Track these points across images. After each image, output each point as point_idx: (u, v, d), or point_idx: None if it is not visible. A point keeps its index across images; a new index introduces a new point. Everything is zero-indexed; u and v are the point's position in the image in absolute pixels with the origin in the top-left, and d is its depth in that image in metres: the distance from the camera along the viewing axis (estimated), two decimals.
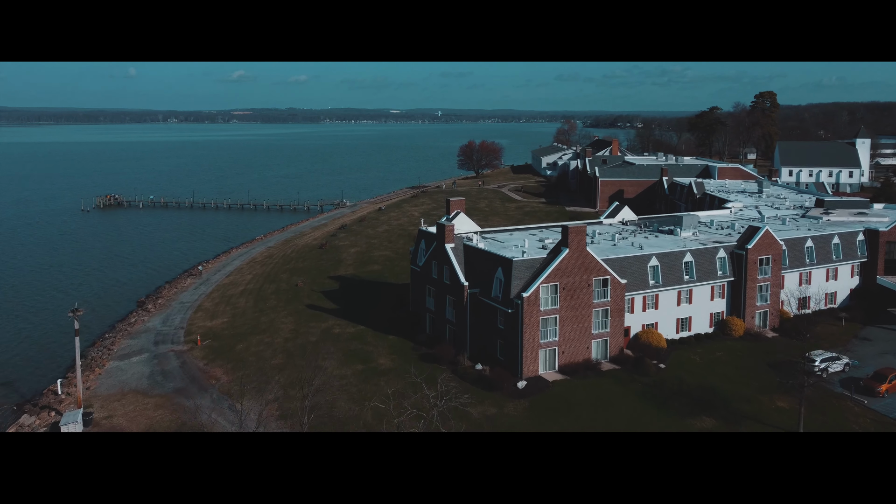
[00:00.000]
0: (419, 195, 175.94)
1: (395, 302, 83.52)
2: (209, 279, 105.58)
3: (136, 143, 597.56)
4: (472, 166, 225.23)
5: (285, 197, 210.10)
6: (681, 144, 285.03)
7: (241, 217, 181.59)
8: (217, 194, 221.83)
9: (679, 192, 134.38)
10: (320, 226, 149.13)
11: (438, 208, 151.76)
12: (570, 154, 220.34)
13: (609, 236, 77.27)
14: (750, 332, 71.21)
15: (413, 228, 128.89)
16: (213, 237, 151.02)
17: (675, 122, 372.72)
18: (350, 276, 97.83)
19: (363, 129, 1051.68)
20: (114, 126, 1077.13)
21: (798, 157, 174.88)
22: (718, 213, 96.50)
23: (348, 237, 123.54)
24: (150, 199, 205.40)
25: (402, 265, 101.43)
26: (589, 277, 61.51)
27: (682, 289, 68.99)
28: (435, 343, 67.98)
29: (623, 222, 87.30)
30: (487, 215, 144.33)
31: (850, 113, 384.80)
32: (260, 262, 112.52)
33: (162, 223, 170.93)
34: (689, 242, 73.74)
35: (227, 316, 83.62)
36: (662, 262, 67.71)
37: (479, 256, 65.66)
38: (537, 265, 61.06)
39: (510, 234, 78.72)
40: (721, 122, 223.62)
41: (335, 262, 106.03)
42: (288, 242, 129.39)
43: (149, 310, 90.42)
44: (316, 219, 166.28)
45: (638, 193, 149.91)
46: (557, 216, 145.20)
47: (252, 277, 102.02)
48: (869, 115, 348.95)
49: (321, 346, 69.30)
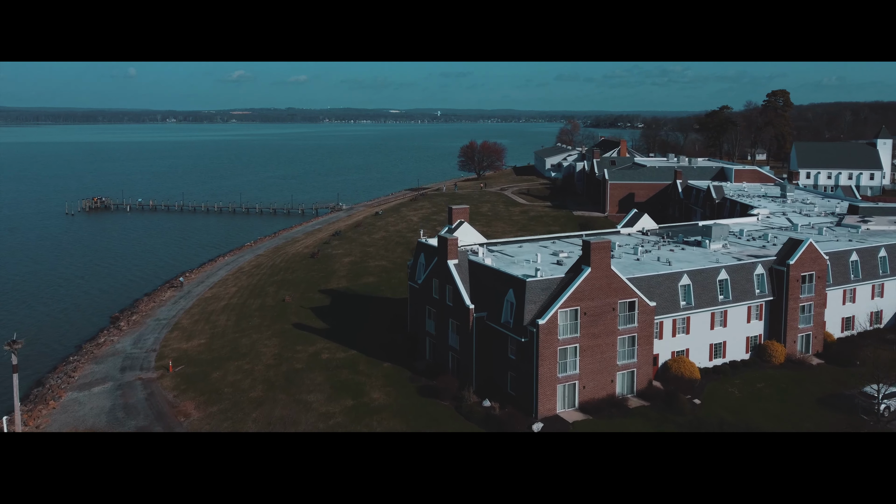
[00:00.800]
0: (418, 198, 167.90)
1: (391, 321, 75.30)
2: (191, 291, 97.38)
3: (133, 144, 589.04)
4: (474, 168, 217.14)
5: (279, 199, 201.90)
6: (687, 145, 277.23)
7: (232, 221, 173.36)
8: (209, 196, 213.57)
9: (695, 196, 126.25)
10: (314, 231, 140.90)
11: (439, 213, 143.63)
12: (576, 155, 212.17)
13: (630, 249, 69.09)
14: (792, 358, 63.03)
15: (412, 235, 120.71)
16: (200, 243, 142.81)
17: (678, 122, 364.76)
18: (342, 290, 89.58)
19: (362, 129, 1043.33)
20: (111, 126, 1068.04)
21: (815, 159, 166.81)
22: (745, 221, 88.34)
23: (342, 245, 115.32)
24: (139, 201, 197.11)
25: (400, 276, 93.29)
26: (614, 300, 53.33)
27: (716, 310, 60.80)
28: (436, 373, 59.78)
29: (643, 232, 79.13)
30: (491, 220, 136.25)
31: (853, 113, 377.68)
32: (247, 273, 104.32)
33: (149, 228, 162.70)
34: (722, 257, 65.55)
35: (204, 336, 75.40)
36: (695, 281, 59.51)
37: (486, 274, 57.46)
38: (554, 286, 52.87)
39: (520, 246, 70.57)
40: (731, 121, 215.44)
41: (327, 273, 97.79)
42: (278, 250, 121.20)
43: (121, 327, 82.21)
44: (310, 223, 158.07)
45: (649, 197, 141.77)
46: (565, 221, 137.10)
47: (237, 290, 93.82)
48: (873, 115, 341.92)
49: (307, 375, 61.12)
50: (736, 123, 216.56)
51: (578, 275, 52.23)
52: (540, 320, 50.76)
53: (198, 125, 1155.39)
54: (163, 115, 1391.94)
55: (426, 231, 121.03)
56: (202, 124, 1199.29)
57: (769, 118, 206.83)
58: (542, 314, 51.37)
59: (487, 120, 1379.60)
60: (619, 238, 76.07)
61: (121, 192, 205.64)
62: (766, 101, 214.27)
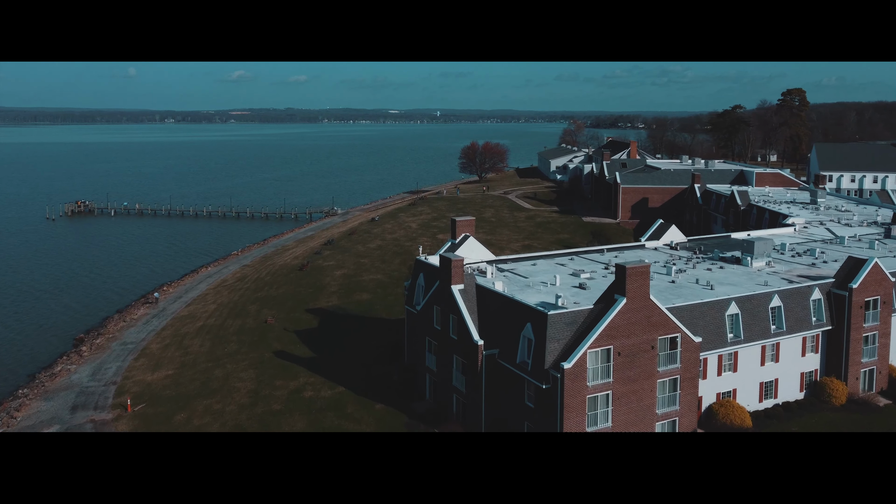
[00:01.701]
0: (417, 203, 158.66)
1: (385, 349, 65.98)
2: (166, 309, 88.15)
3: (128, 144, 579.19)
4: (475, 170, 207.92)
5: (272, 203, 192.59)
6: (695, 146, 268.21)
7: (221, 226, 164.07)
8: (200, 200, 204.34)
9: (715, 201, 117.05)
10: (305, 239, 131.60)
11: (439, 218, 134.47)
12: (582, 157, 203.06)
13: (661, 268, 59.91)
14: (854, 398, 53.82)
15: (410, 244, 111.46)
16: (184, 251, 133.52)
17: (684, 123, 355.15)
18: (332, 309, 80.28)
19: (361, 129, 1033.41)
20: (109, 126, 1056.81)
21: (838, 161, 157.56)
22: (781, 233, 79.20)
23: (334, 255, 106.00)
24: (124, 205, 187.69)
25: (396, 292, 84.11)
26: (653, 337, 44.14)
27: (767, 343, 51.60)
28: (437, 418, 50.57)
29: (672, 246, 69.90)
30: (495, 227, 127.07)
31: (858, 113, 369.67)
32: (229, 287, 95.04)
33: (131, 234, 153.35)
34: (770, 278, 56.32)
35: (173, 366, 66.15)
36: (744, 309, 50.29)
37: (498, 303, 48.23)
38: (581, 319, 43.67)
39: (533, 264, 61.36)
40: (744, 121, 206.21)
41: (316, 288, 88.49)
42: (266, 260, 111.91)
43: (82, 353, 72.97)
44: (302, 229, 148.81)
45: (664, 202, 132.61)
46: (574, 228, 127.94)
47: (216, 308, 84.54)
48: (877, 115, 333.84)
49: (285, 419, 51.90)
50: (748, 123, 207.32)
51: (611, 306, 43.02)
52: (565, 363, 41.53)
53: (196, 125, 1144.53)
54: (161, 116, 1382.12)
55: (426, 241, 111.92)
56: (200, 124, 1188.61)
57: (784, 118, 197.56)
58: (567, 355, 42.15)
59: (487, 120, 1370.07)
60: (645, 253, 66.88)
61: (105, 195, 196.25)
62: (781, 100, 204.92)
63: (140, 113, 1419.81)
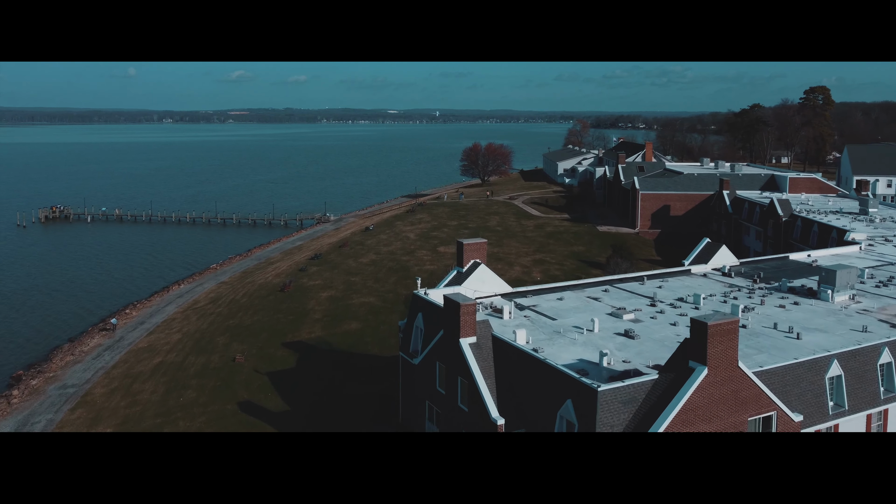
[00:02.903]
0: (416, 209, 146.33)
1: (375, 400, 53.51)
2: (124, 338, 75.86)
3: (122, 144, 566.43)
4: (478, 173, 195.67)
5: (263, 208, 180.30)
6: (707, 147, 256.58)
7: (204, 234, 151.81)
8: (186, 204, 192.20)
9: (748, 210, 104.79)
10: (292, 250, 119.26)
11: (440, 228, 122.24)
12: (591, 159, 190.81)
13: (720, 302, 47.66)
14: None
15: (407, 259, 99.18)
16: (160, 264, 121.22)
17: (685, 122, 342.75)
18: (314, 343, 67.88)
19: (360, 129, 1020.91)
20: (106, 126, 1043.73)
21: (872, 164, 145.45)
22: (845, 252, 66.95)
23: (321, 272, 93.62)
24: (102, 211, 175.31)
25: (390, 321, 71.89)
26: (742, 418, 31.82)
27: (873, 412, 39.29)
28: None
29: (723, 271, 57.54)
30: (501, 238, 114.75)
31: (864, 113, 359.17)
32: (199, 311, 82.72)
33: (106, 243, 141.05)
34: (867, 320, 43.92)
35: (114, 421, 53.72)
36: (848, 369, 37.95)
37: (522, 363, 35.88)
38: (642, 395, 31.35)
39: (560, 297, 49.11)
40: (763, 121, 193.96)
41: (297, 315, 76.16)
42: (245, 277, 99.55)
43: (12, 399, 60.57)
44: (290, 238, 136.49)
45: (687, 210, 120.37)
46: (590, 239, 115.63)
47: (179, 339, 72.22)
48: (885, 115, 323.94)
49: None
50: (768, 123, 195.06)
51: (686, 379, 30.68)
52: None
53: (194, 125, 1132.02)
54: (159, 116, 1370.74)
55: (425, 255, 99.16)
56: (198, 124, 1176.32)
57: (807, 118, 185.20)
58: None
59: (486, 120, 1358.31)
60: (695, 282, 54.58)
61: (83, 200, 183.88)
62: (804, 99, 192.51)
63: (138, 113, 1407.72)
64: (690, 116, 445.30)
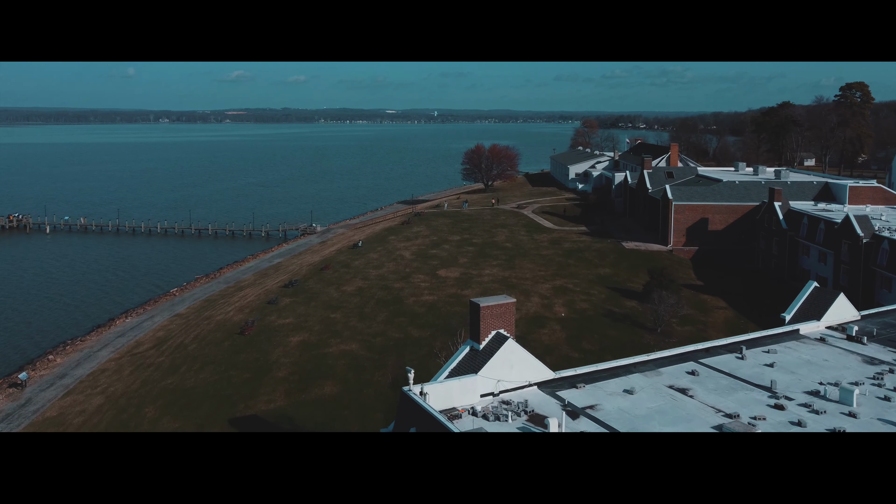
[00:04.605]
0: (412, 220, 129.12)
1: None
2: (32, 400, 58.62)
3: (112, 145, 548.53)
4: (481, 177, 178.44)
5: (245, 216, 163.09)
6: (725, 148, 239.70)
7: (175, 248, 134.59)
8: (164, 211, 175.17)
9: (809, 227, 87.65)
10: (266, 271, 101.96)
11: (440, 244, 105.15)
12: (607, 162, 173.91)
13: (864, 397, 30.60)
14: None
15: (401, 289, 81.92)
16: (114, 288, 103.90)
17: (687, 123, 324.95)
18: (273, 419, 50.40)
19: (358, 129, 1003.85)
20: (101, 126, 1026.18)
21: None
22: None
23: (295, 306, 76.31)
24: (65, 220, 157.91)
25: (377, 381, 54.69)
26: None
27: None
28: None
29: (849, 333, 40.14)
30: (512, 257, 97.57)
31: (872, 113, 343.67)
32: (136, 360, 65.44)
33: (62, 259, 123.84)
34: None
35: None
36: None
37: None
38: None
39: (628, 389, 31.88)
40: (794, 121, 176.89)
41: (256, 371, 58.78)
42: (205, 308, 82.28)
43: None
44: (268, 255, 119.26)
45: (728, 225, 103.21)
46: (616, 259, 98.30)
47: (99, 406, 54.89)
48: (893, 115, 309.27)
49: None
50: (799, 123, 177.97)
51: None
52: None
53: (190, 125, 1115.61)
54: (156, 116, 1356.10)
55: (422, 281, 79.88)
56: (195, 124, 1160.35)
57: (844, 116, 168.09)
58: None
59: (485, 120, 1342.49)
60: (810, 351, 37.34)
61: (44, 208, 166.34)
62: (840, 96, 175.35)
63: (135, 113, 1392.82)
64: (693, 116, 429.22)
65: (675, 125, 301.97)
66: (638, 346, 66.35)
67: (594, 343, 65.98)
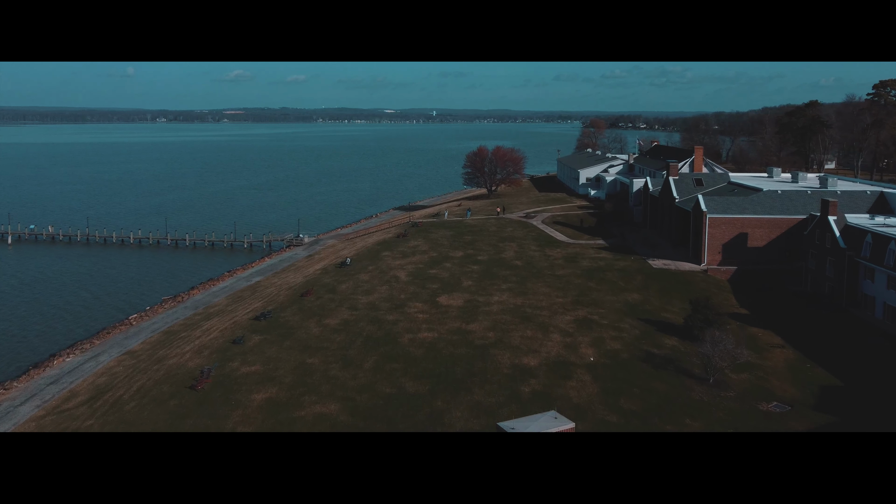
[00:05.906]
0: (409, 232, 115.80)
1: None
2: None
3: (103, 145, 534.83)
4: (484, 182, 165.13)
5: (226, 224, 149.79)
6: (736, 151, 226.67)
7: (148, 261, 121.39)
8: (143, 218, 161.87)
9: (874, 247, 74.48)
10: (241, 293, 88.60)
11: (441, 262, 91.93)
12: (621, 166, 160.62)
13: None
14: None
15: (395, 319, 68.48)
16: (68, 313, 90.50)
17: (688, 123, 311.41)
18: None
19: (356, 129, 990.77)
20: (97, 126, 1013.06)
21: None
22: None
23: (264, 346, 62.90)
24: (30, 229, 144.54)
25: None
26: None
27: None
28: None
29: None
30: (524, 279, 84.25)
31: (874, 114, 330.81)
32: (59, 423, 52.14)
33: (17, 277, 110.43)
34: None
35: None
36: None
37: None
38: None
39: None
40: (822, 122, 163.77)
41: None
42: (161, 345, 68.91)
43: None
44: (247, 272, 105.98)
45: (770, 241, 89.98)
46: (644, 281, 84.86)
47: None
48: None
49: None
50: (828, 124, 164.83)
51: None
52: None
53: (187, 125, 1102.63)
54: (153, 115, 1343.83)
55: (420, 311, 63.99)
56: (192, 124, 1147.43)
57: (878, 116, 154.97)
58: None
59: (483, 120, 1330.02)
60: None
61: (7, 216, 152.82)
62: (872, 95, 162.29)
63: (133, 112, 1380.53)
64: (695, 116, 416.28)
65: (678, 125, 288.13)
66: (689, 404, 53.15)
67: (635, 400, 52.74)
